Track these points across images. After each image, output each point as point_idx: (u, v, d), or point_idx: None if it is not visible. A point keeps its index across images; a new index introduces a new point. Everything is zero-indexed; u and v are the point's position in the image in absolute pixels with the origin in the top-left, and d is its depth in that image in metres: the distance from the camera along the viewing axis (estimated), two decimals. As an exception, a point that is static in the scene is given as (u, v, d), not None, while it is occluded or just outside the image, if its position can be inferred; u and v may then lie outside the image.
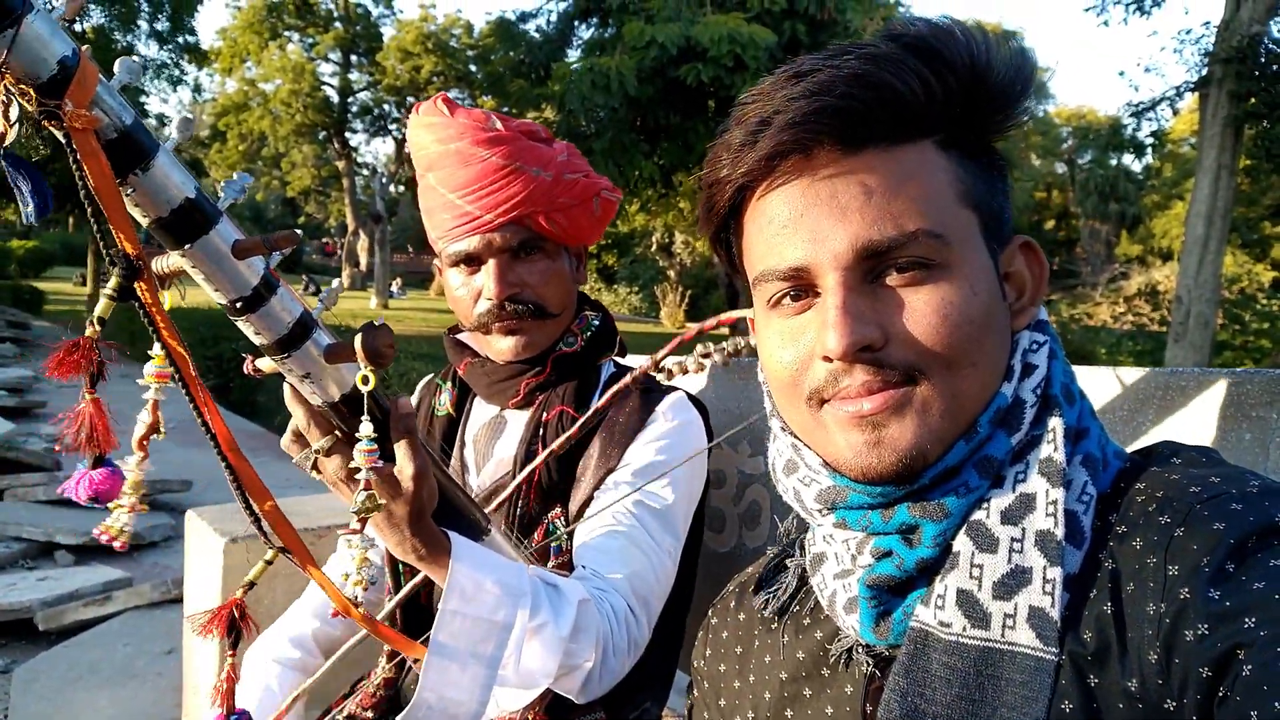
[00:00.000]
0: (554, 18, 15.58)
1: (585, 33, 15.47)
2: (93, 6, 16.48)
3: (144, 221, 0.78)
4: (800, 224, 0.72)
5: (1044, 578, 0.65)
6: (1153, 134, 20.83)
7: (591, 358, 1.56)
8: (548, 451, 1.31)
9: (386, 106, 32.56)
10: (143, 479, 0.83)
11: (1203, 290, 14.23)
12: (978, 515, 0.69)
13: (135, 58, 0.74)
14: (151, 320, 0.78)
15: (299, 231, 0.86)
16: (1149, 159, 30.37)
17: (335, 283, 0.96)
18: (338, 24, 31.58)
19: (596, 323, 1.57)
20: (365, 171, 37.16)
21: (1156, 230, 33.76)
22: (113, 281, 0.74)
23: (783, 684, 0.86)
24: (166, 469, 6.11)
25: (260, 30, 30.04)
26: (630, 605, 1.30)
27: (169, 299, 0.84)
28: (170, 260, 0.82)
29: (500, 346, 1.50)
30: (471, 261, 1.47)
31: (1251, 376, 1.15)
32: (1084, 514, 0.68)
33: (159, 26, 17.79)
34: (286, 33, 31.29)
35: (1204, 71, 15.48)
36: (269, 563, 0.96)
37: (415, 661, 1.21)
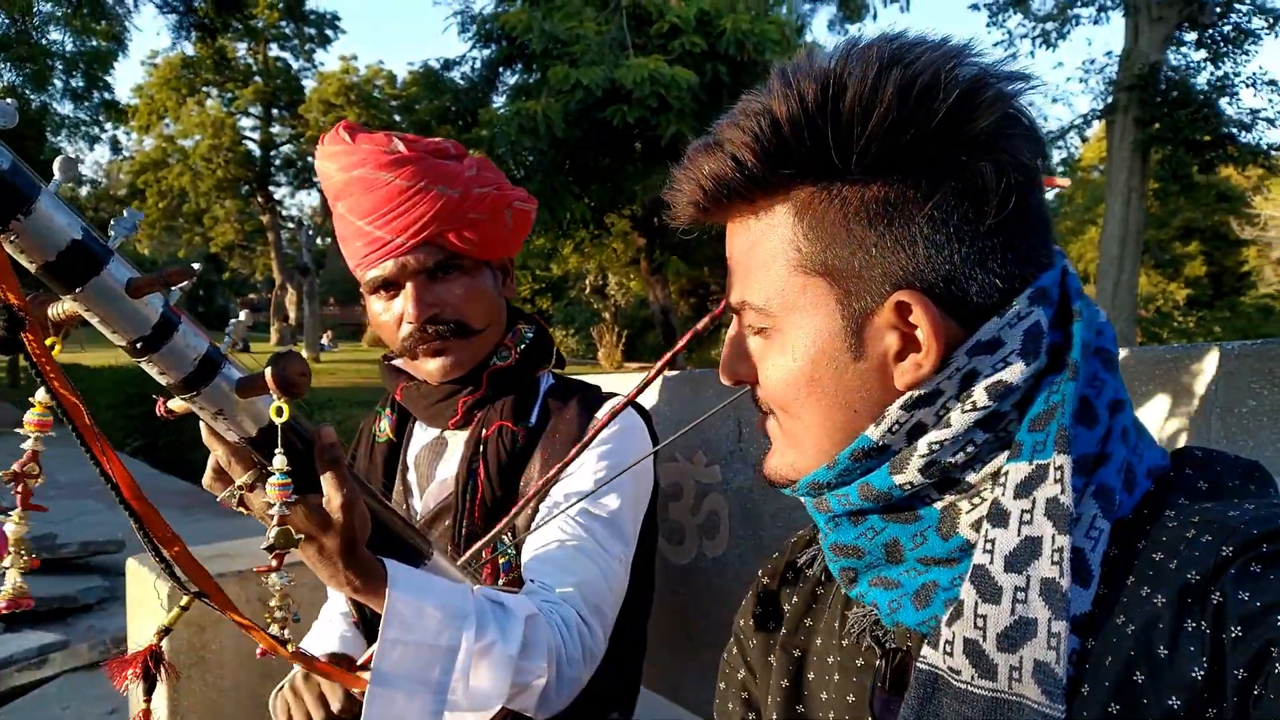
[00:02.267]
0: (478, 64, 15.67)
1: (510, 78, 15.57)
2: (3, 65, 16.12)
3: (31, 267, 0.75)
4: None
5: (1049, 631, 0.63)
6: (1063, 161, 21.61)
7: (528, 370, 1.54)
8: (543, 481, 1.31)
9: (310, 159, 32.28)
10: (25, 534, 0.79)
11: (1120, 310, 14.72)
12: (981, 560, 0.68)
13: (9, 100, 0.71)
14: (40, 371, 0.75)
15: (197, 266, 0.83)
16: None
17: (242, 314, 0.94)
18: (257, 78, 31.34)
19: (530, 335, 1.56)
20: (290, 224, 36.73)
21: (1072, 255, 34.86)
22: None
23: (816, 646, 0.90)
24: (98, 530, 5.91)
25: (178, 86, 29.68)
26: (582, 615, 1.28)
27: (59, 347, 0.81)
28: (64, 306, 0.79)
29: (428, 368, 1.48)
30: (389, 286, 1.45)
31: (1188, 351, 1.20)
32: (1091, 551, 0.66)
33: (74, 84, 17.44)
34: (205, 88, 30.96)
35: (1109, 99, 16.15)
36: (184, 609, 0.93)
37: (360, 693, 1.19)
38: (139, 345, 0.82)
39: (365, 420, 1.71)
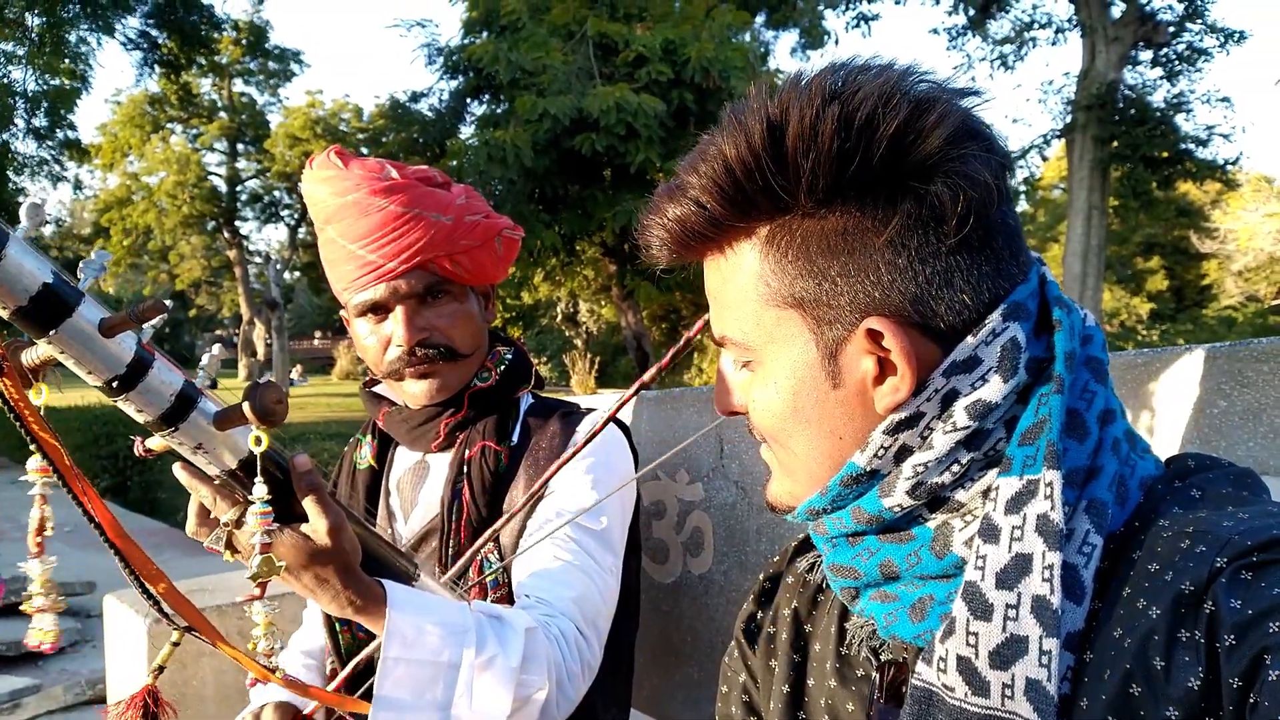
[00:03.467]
0: (446, 96, 15.70)
1: (478, 109, 15.61)
2: (-36, 106, 15.95)
3: (3, 313, 0.77)
4: None
5: (1040, 649, 0.63)
6: (1024, 181, 21.91)
7: (508, 391, 1.56)
8: (525, 502, 1.31)
9: (277, 193, 32.18)
10: (50, 576, 0.81)
11: (1086, 325, 14.86)
12: (972, 576, 0.68)
13: None
14: (18, 415, 0.76)
15: (168, 302, 0.85)
16: (1023, 206, 31.84)
17: (215, 347, 0.96)
18: (222, 114, 31.24)
19: (510, 357, 1.58)
20: (258, 259, 36.54)
21: (1037, 272, 35.11)
22: None
23: (815, 652, 0.90)
24: (67, 573, 5.82)
25: (142, 124, 29.53)
26: (579, 627, 1.29)
27: (46, 392, 0.83)
28: (39, 351, 0.81)
29: (414, 391, 1.50)
30: (378, 310, 1.47)
31: (1160, 355, 1.22)
32: (1084, 567, 0.66)
33: (37, 123, 17.29)
34: (169, 124, 30.81)
35: (1068, 119, 16.41)
36: (175, 644, 0.95)
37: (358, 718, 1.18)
38: (114, 384, 0.83)
39: (346, 449, 1.72)
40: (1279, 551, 0.60)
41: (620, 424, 1.56)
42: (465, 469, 1.48)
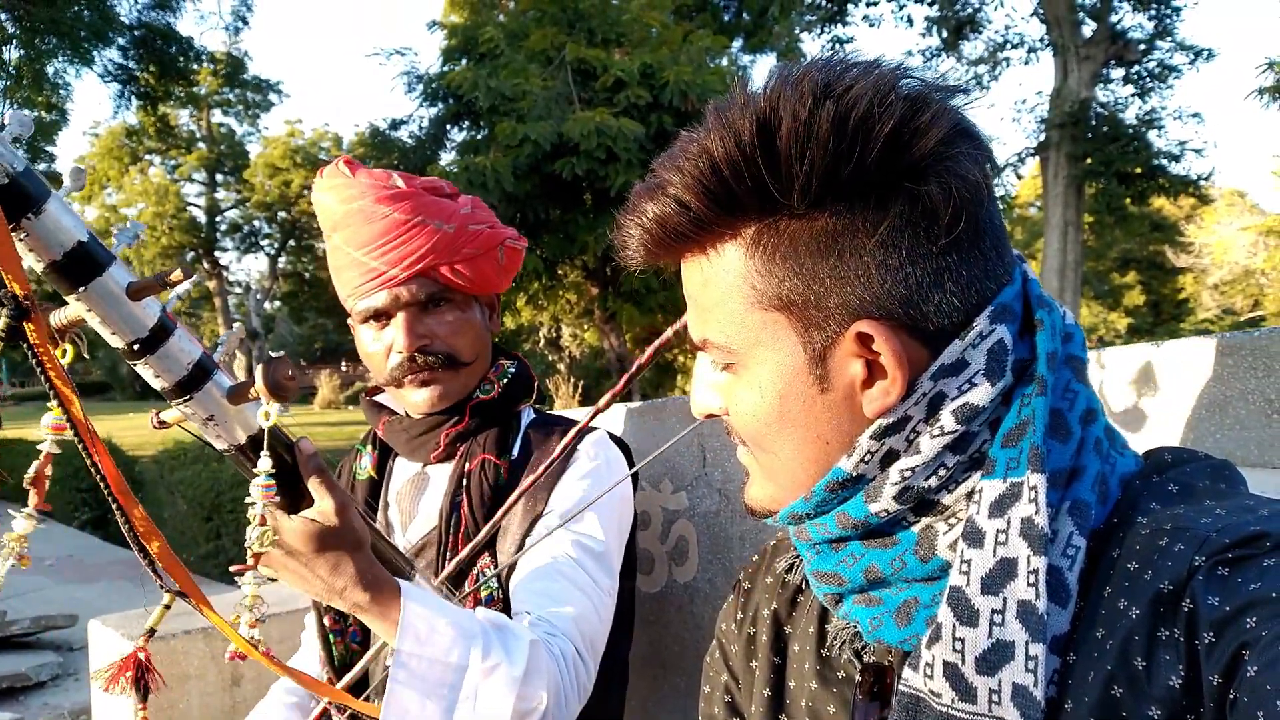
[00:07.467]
0: (425, 123, 15.72)
1: (458, 135, 15.64)
2: (-59, 139, 15.84)
3: (38, 266, 0.80)
4: None
5: (1026, 654, 0.63)
6: (1001, 199, 22.10)
7: (509, 404, 1.57)
8: (516, 495, 1.32)
9: (256, 223, 32.16)
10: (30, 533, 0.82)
11: (1066, 340, 14.97)
12: (957, 581, 0.67)
13: (28, 111, 0.76)
14: (39, 361, 0.79)
15: (193, 268, 0.88)
16: (1001, 223, 32.01)
17: (235, 327, 0.98)
18: (201, 145, 31.25)
19: (513, 370, 1.59)
20: (238, 289, 36.44)
21: (1016, 289, 35.39)
22: (1, 323, 0.75)
23: (794, 653, 0.90)
24: (49, 605, 5.75)
25: (120, 156, 29.49)
26: (578, 648, 1.29)
27: (71, 352, 0.85)
28: (67, 311, 0.84)
29: (415, 399, 1.51)
30: (381, 317, 1.49)
31: (1126, 352, 1.25)
32: (1069, 569, 0.66)
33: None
34: (148, 156, 30.78)
35: (1042, 137, 16.59)
36: (167, 607, 0.96)
37: (340, 710, 1.18)
38: (136, 347, 0.86)
39: (345, 459, 1.73)
40: (1255, 547, 0.60)
41: (622, 445, 1.57)
42: (465, 481, 1.48)
